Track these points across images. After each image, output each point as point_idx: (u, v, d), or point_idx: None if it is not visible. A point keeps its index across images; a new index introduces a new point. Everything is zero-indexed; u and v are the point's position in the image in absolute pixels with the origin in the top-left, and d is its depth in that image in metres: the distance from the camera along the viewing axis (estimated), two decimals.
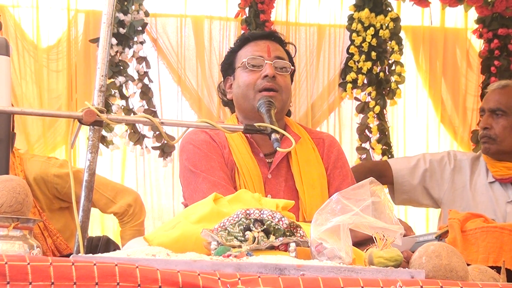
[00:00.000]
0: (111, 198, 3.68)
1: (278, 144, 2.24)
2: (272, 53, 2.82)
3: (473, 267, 1.89)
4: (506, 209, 3.54)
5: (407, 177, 3.71)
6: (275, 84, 2.76)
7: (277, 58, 2.82)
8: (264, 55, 2.81)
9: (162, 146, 5.43)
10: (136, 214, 3.70)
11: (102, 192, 3.67)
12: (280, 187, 2.77)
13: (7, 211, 1.78)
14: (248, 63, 2.80)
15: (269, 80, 2.76)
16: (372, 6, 5.74)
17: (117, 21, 5.28)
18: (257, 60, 2.81)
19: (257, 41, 2.86)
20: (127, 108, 5.38)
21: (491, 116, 3.68)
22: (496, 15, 5.90)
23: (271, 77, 2.76)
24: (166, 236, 1.87)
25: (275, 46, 2.86)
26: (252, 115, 2.75)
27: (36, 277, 1.42)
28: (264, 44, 2.84)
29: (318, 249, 1.75)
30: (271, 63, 2.79)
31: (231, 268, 1.57)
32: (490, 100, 3.70)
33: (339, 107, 5.91)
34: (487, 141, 3.66)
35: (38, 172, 3.60)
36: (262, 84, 2.75)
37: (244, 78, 2.81)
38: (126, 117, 3.77)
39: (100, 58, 2.03)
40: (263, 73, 2.77)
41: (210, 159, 2.73)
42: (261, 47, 2.84)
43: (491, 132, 3.65)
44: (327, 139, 2.94)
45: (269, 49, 2.82)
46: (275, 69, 2.79)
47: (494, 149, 3.65)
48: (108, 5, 2.05)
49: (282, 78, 2.80)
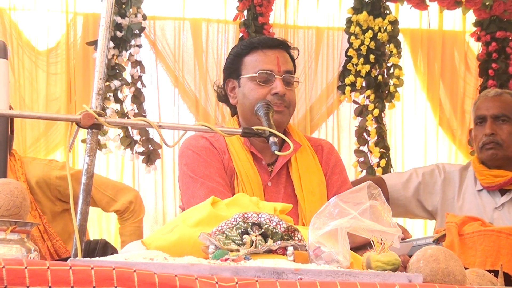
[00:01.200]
0: (113, 197, 3.73)
1: (276, 147, 2.24)
2: (282, 67, 2.79)
3: (470, 270, 1.89)
4: (493, 216, 3.54)
5: (402, 191, 3.72)
6: (284, 102, 2.76)
7: (286, 72, 2.79)
8: (274, 68, 2.78)
9: (148, 152, 5.40)
10: (136, 211, 3.75)
11: (103, 191, 3.71)
12: (279, 195, 2.77)
13: (5, 215, 1.78)
14: (259, 78, 2.77)
15: (279, 98, 2.74)
16: (370, 9, 5.75)
17: (115, 24, 5.27)
18: (267, 74, 2.77)
19: (266, 50, 2.81)
20: (121, 112, 5.37)
21: (494, 122, 3.65)
22: (494, 18, 5.91)
23: (282, 95, 2.75)
24: (163, 239, 1.87)
25: (284, 58, 2.82)
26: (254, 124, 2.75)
27: (34, 281, 1.41)
28: (273, 55, 2.80)
29: (316, 253, 1.75)
30: (281, 78, 2.77)
31: (228, 272, 1.57)
32: (491, 107, 3.66)
33: (337, 110, 5.91)
34: (494, 147, 3.62)
35: (40, 175, 3.61)
36: (273, 102, 2.72)
37: (252, 92, 2.77)
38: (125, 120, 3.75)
39: (98, 61, 2.03)
40: (274, 90, 2.75)
41: (209, 165, 2.72)
42: (270, 59, 2.79)
43: (498, 138, 3.62)
44: (325, 146, 2.94)
45: (278, 62, 2.79)
46: (285, 85, 2.77)
47: (501, 155, 3.62)
48: (106, 8, 2.05)
49: (290, 93, 2.79)
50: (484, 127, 3.67)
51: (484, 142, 3.64)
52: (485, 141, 3.64)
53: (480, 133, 3.68)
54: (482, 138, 3.66)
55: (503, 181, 3.61)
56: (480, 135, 3.68)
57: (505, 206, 3.61)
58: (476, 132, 3.71)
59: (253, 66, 2.80)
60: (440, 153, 6.02)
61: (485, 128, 3.66)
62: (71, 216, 3.04)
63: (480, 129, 3.69)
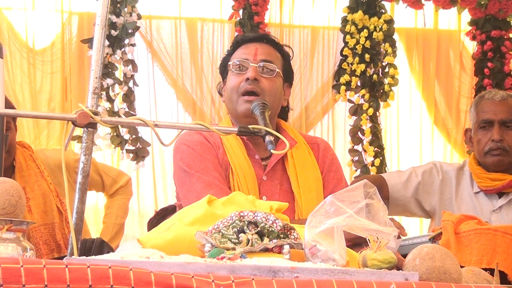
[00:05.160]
0: (115, 178, 4.02)
1: (272, 146, 2.24)
2: (259, 56, 2.79)
3: (466, 269, 1.89)
4: (490, 218, 3.52)
5: (402, 191, 3.69)
6: (256, 87, 2.73)
7: (263, 61, 2.78)
8: (250, 58, 2.78)
9: (136, 150, 5.41)
10: (129, 191, 4.08)
11: (107, 172, 4.01)
12: (275, 190, 2.76)
13: (0, 213, 1.77)
14: (233, 66, 2.79)
15: (250, 83, 2.73)
16: (365, 8, 5.76)
17: (110, 23, 5.27)
18: (242, 63, 2.79)
19: (247, 44, 2.84)
20: (112, 110, 5.37)
21: (501, 128, 3.60)
22: (489, 17, 5.92)
23: (252, 80, 2.73)
24: (160, 238, 1.87)
25: (264, 49, 2.82)
26: (239, 118, 2.76)
27: (30, 279, 1.41)
28: (253, 47, 2.81)
29: (312, 251, 1.75)
30: (255, 66, 2.76)
31: (225, 270, 1.57)
32: (499, 111, 3.60)
33: (332, 109, 5.92)
34: (501, 153, 3.57)
35: (59, 158, 3.69)
36: (244, 87, 2.73)
37: (230, 82, 2.80)
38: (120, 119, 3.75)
39: (94, 60, 2.03)
40: (246, 76, 2.76)
41: (204, 160, 2.72)
42: (249, 50, 2.81)
43: (505, 144, 3.58)
44: (321, 143, 2.94)
45: (256, 52, 2.79)
46: (260, 72, 2.76)
47: (507, 161, 3.58)
48: (101, 7, 2.05)
49: (267, 81, 2.76)
50: (490, 131, 3.59)
51: (491, 148, 3.57)
52: (492, 147, 3.57)
53: (485, 137, 3.61)
54: (488, 143, 3.59)
55: (501, 185, 3.58)
56: (485, 140, 3.60)
57: (503, 209, 3.59)
58: (481, 136, 3.63)
59: (233, 60, 2.83)
60: (435, 152, 6.03)
61: (492, 133, 3.58)
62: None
63: (485, 134, 3.62)
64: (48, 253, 3.56)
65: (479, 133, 3.65)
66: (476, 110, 3.67)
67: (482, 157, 3.61)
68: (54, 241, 3.59)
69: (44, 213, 3.60)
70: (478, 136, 3.65)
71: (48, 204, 3.63)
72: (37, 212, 3.57)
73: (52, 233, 3.59)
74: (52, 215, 3.61)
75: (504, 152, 3.58)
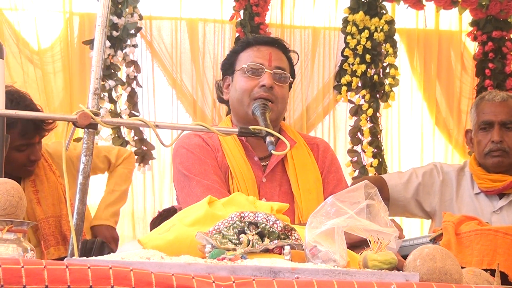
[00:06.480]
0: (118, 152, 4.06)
1: (273, 147, 2.24)
2: (273, 62, 2.79)
3: (467, 269, 1.89)
4: (491, 219, 3.52)
5: (402, 192, 3.69)
6: (271, 95, 2.74)
7: (277, 68, 2.78)
8: (265, 63, 2.78)
9: (142, 153, 5.40)
10: (132, 162, 4.09)
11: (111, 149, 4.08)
12: (274, 191, 2.76)
13: (1, 214, 1.77)
14: (248, 69, 2.77)
15: (266, 91, 2.73)
16: (366, 9, 5.75)
17: (111, 24, 5.27)
18: (257, 67, 2.77)
19: (260, 46, 2.83)
20: (115, 112, 5.36)
21: (501, 129, 3.60)
22: (491, 17, 5.92)
23: (269, 88, 2.74)
24: (160, 239, 1.87)
25: (277, 55, 2.82)
26: (246, 120, 2.74)
27: (30, 280, 1.41)
28: (266, 51, 2.81)
29: (312, 252, 1.75)
30: (270, 73, 2.76)
31: (225, 271, 1.57)
32: (500, 113, 3.61)
33: (333, 110, 5.92)
34: (502, 154, 3.57)
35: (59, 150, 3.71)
36: (259, 93, 2.73)
37: (241, 84, 2.78)
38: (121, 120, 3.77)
39: (94, 61, 2.03)
40: (261, 82, 2.74)
41: (203, 163, 2.72)
42: (263, 54, 2.80)
43: (505, 145, 3.58)
44: (321, 144, 2.94)
45: (270, 58, 2.79)
46: (273, 79, 2.76)
47: (507, 162, 3.58)
48: (102, 8, 2.05)
49: (280, 88, 2.77)
50: (490, 133, 3.60)
51: (491, 149, 3.58)
52: (492, 148, 3.58)
53: (486, 138, 3.61)
54: (488, 145, 3.60)
55: (502, 186, 3.58)
56: (486, 141, 3.61)
57: (504, 210, 3.59)
58: (481, 137, 3.64)
59: (245, 61, 2.81)
60: (436, 153, 6.02)
61: (492, 134, 3.59)
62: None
63: (485, 135, 3.62)
64: (55, 244, 3.59)
65: (479, 134, 3.65)
66: (477, 111, 3.67)
67: (482, 158, 3.61)
68: (60, 233, 3.61)
69: (53, 205, 3.62)
70: (478, 137, 3.65)
71: (56, 196, 3.65)
72: (45, 204, 3.60)
73: (58, 225, 3.61)
74: (60, 207, 3.64)
75: (504, 153, 3.58)
